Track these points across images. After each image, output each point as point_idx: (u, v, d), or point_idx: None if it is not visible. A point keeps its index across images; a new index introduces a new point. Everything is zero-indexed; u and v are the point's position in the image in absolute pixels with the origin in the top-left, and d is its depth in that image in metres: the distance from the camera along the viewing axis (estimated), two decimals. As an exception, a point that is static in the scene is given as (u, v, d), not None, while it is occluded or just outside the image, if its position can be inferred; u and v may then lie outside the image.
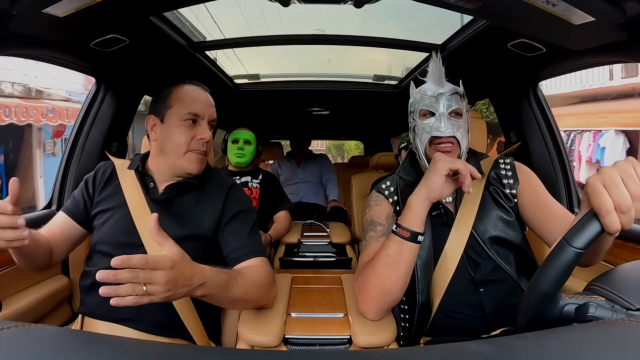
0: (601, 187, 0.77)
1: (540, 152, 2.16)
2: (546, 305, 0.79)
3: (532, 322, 0.82)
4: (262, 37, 2.48)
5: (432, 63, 1.47)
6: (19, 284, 1.62)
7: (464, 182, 1.21)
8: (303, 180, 4.14)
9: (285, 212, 2.96)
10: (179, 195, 1.45)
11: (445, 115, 1.40)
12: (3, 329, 0.58)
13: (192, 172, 1.42)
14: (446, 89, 1.43)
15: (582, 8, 1.12)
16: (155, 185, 1.47)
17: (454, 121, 1.40)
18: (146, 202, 1.42)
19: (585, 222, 0.78)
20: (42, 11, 1.15)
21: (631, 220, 0.75)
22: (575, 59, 1.70)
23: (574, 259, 0.76)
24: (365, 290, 1.32)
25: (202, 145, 1.42)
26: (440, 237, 1.40)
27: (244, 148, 2.94)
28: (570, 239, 0.77)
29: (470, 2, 1.31)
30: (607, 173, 0.77)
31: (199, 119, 1.42)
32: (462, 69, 2.26)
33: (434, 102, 1.42)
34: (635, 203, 0.75)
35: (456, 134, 1.40)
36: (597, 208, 0.76)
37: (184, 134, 1.40)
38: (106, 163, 1.57)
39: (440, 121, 1.40)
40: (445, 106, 1.40)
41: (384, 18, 2.45)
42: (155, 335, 1.32)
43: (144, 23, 1.63)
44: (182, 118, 1.40)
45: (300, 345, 1.34)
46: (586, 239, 0.77)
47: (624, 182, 0.76)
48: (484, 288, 1.36)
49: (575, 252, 0.76)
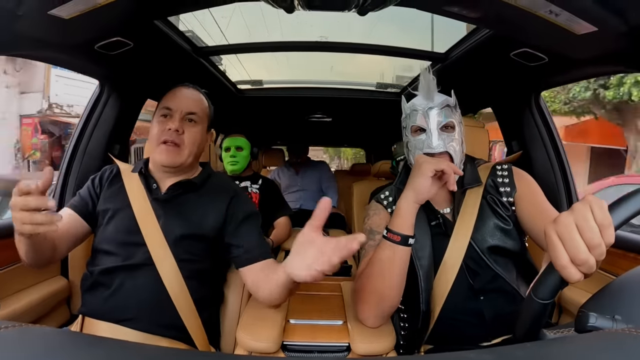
0: (556, 239, 0.72)
1: (542, 161, 2.16)
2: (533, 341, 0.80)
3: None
4: (266, 43, 2.48)
5: (422, 76, 1.45)
6: (18, 284, 1.62)
7: (449, 180, 1.23)
8: (302, 188, 4.16)
9: (286, 218, 2.95)
10: (182, 195, 1.47)
11: (436, 131, 1.39)
12: (1, 328, 0.58)
13: (163, 163, 1.44)
14: (436, 103, 1.41)
15: (585, 18, 1.13)
16: (158, 186, 1.49)
17: (446, 135, 1.40)
18: (149, 203, 1.43)
19: (547, 274, 0.76)
20: (48, 13, 1.16)
21: (591, 268, 0.70)
22: (577, 68, 1.70)
23: (543, 310, 0.76)
24: (362, 297, 1.32)
25: (170, 135, 1.43)
26: (439, 247, 1.40)
27: (236, 155, 2.95)
28: (536, 292, 0.76)
29: (473, 12, 1.32)
30: (562, 223, 0.72)
31: (172, 112, 1.45)
32: (465, 78, 2.27)
33: (424, 117, 1.41)
34: (592, 252, 0.69)
35: (448, 149, 1.39)
36: (553, 262, 0.73)
37: (156, 127, 1.46)
38: (112, 166, 1.60)
39: (430, 138, 1.39)
40: (436, 122, 1.40)
41: (388, 26, 2.46)
42: (156, 336, 1.33)
43: (148, 27, 1.64)
44: (158, 114, 1.47)
45: (299, 352, 1.34)
46: (550, 291, 0.75)
47: (579, 230, 0.71)
48: (483, 296, 1.36)
49: (542, 303, 0.75)
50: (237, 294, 1.69)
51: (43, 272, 1.75)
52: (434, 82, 1.44)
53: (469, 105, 2.83)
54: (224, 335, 1.61)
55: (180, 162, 1.45)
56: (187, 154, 1.46)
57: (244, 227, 1.46)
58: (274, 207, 2.97)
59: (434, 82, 1.44)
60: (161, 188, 1.49)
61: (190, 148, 1.46)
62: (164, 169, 1.47)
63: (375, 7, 1.41)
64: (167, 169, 1.47)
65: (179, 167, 1.46)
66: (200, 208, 1.44)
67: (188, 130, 1.45)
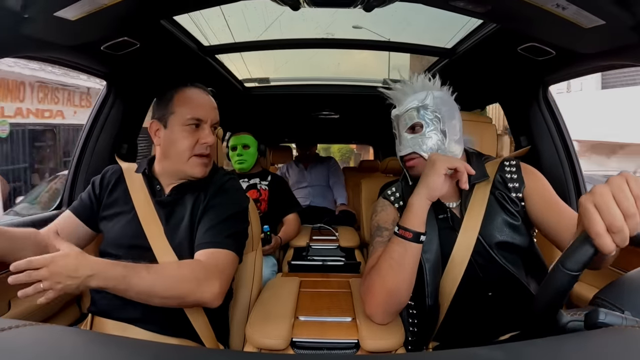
0: (592, 208, 0.74)
1: (550, 155, 2.14)
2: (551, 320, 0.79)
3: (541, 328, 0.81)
4: (272, 41, 2.48)
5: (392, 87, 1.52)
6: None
7: (461, 178, 1.26)
8: (311, 184, 4.17)
9: (295, 215, 2.96)
10: (184, 196, 1.46)
11: (403, 135, 1.45)
12: (11, 327, 0.59)
13: (197, 176, 1.43)
14: (402, 109, 1.46)
15: (592, 11, 1.12)
16: (161, 188, 1.48)
17: (413, 137, 1.43)
18: (153, 205, 1.43)
19: (579, 244, 0.77)
20: (54, 14, 1.16)
21: (625, 239, 0.72)
22: (585, 62, 1.69)
23: (570, 282, 0.76)
24: (371, 293, 1.31)
25: (206, 149, 1.43)
26: (447, 242, 1.39)
27: (243, 153, 2.97)
28: (565, 262, 0.76)
29: (479, 6, 1.31)
30: (598, 192, 0.74)
31: (202, 123, 1.43)
32: (472, 73, 2.26)
33: (395, 125, 1.51)
34: (628, 221, 0.72)
35: (415, 149, 1.42)
36: (588, 230, 0.74)
37: (186, 139, 1.41)
38: (114, 167, 1.59)
39: (400, 142, 1.48)
40: (402, 126, 1.46)
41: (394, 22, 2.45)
42: (164, 336, 1.34)
43: (154, 27, 1.64)
44: (185, 123, 1.41)
45: (308, 348, 1.34)
46: (580, 262, 0.75)
47: (616, 200, 0.73)
48: (492, 292, 1.35)
49: (570, 275, 0.75)
50: (246, 291, 1.70)
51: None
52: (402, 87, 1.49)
53: (476, 100, 2.82)
54: (233, 333, 1.61)
55: (208, 172, 1.47)
56: (212, 161, 1.49)
57: (204, 218, 1.40)
58: (283, 203, 2.99)
59: (403, 87, 1.49)
60: (165, 190, 1.48)
61: (213, 155, 1.48)
62: (187, 178, 1.46)
63: (381, 3, 1.40)
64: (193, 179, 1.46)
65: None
66: (198, 208, 1.43)
67: (213, 140, 1.45)
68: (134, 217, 1.41)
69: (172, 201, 1.45)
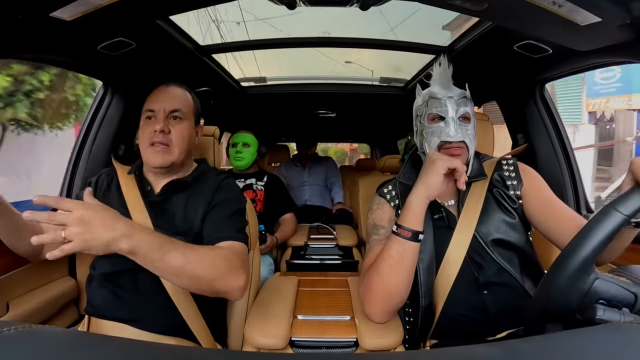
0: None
1: (547, 153, 2.15)
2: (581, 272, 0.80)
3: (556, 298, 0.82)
4: (269, 40, 2.48)
5: (439, 67, 1.45)
6: (26, 285, 1.63)
7: (460, 179, 1.28)
8: (309, 183, 4.17)
9: (291, 215, 2.97)
10: (174, 195, 1.47)
11: (455, 119, 1.38)
12: (10, 329, 0.59)
13: (154, 164, 1.44)
14: (455, 93, 1.41)
15: (588, 8, 1.12)
16: (151, 187, 1.50)
17: (463, 126, 1.39)
18: (144, 205, 1.43)
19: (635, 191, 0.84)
20: (49, 15, 1.16)
21: None
22: (581, 59, 1.69)
23: (619, 225, 0.79)
24: (369, 292, 1.32)
25: (157, 137, 1.42)
26: (442, 240, 1.39)
27: (242, 151, 2.96)
28: (618, 205, 0.81)
29: (476, 4, 1.31)
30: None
31: (156, 114, 1.46)
32: (469, 71, 2.26)
33: (443, 105, 1.39)
34: None
35: (465, 139, 1.38)
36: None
37: (143, 130, 1.46)
38: (108, 169, 1.61)
39: (449, 126, 1.38)
40: (455, 110, 1.38)
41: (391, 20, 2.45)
42: (161, 336, 1.33)
43: (150, 26, 1.64)
44: (143, 117, 1.48)
45: (307, 347, 1.34)
46: (635, 206, 0.81)
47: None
48: (487, 290, 1.35)
49: (622, 217, 0.79)
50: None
51: (51, 273, 1.75)
52: (450, 71, 1.44)
53: (473, 98, 2.82)
54: (231, 333, 1.61)
55: (172, 161, 1.45)
56: (178, 152, 1.46)
57: (211, 214, 1.42)
58: (279, 203, 2.99)
59: (450, 72, 1.44)
60: (155, 189, 1.50)
61: (179, 146, 1.46)
62: (156, 170, 1.48)
63: (378, 2, 1.40)
64: (159, 170, 1.47)
65: (171, 167, 1.46)
66: (190, 206, 1.44)
67: (174, 128, 1.45)
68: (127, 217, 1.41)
69: (162, 200, 1.46)
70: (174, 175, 1.50)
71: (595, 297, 0.78)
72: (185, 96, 1.54)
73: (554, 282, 0.83)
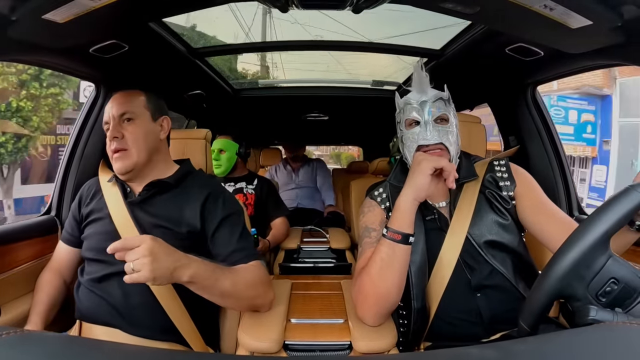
0: None
1: (539, 155, 2.16)
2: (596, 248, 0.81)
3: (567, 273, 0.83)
4: (262, 44, 2.49)
5: (415, 72, 1.47)
6: (19, 290, 1.61)
7: (448, 178, 1.26)
8: (299, 186, 4.17)
9: (283, 219, 2.94)
10: (156, 196, 1.47)
11: (430, 122, 1.40)
12: (2, 334, 0.58)
13: (117, 172, 1.46)
14: (429, 96, 1.42)
15: (580, 12, 1.13)
16: (131, 190, 1.51)
17: (440, 127, 1.40)
18: (126, 207, 1.44)
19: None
20: (42, 17, 1.15)
21: None
22: (573, 62, 1.70)
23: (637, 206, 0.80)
24: (361, 295, 1.32)
25: (112, 144, 1.43)
26: (435, 243, 1.39)
27: (219, 158, 2.90)
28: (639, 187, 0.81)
29: (468, 8, 1.32)
30: None
31: (108, 124, 1.47)
32: (461, 74, 2.27)
33: (418, 110, 1.41)
34: None
35: (443, 140, 1.39)
36: None
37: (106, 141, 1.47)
38: (91, 180, 1.63)
39: (425, 129, 1.40)
40: (430, 113, 1.40)
41: (383, 24, 2.46)
42: (151, 340, 1.33)
43: (143, 29, 1.64)
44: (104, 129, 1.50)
45: (301, 351, 1.34)
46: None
47: None
48: (480, 293, 1.35)
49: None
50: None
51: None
52: (426, 77, 1.45)
53: (465, 101, 2.83)
54: (225, 337, 1.60)
55: (134, 163, 1.44)
56: (137, 153, 1.44)
57: (220, 234, 1.43)
58: (270, 207, 2.96)
59: (426, 77, 1.45)
60: (135, 191, 1.50)
61: (136, 146, 1.44)
62: (124, 176, 1.47)
63: (370, 5, 1.40)
64: (126, 176, 1.47)
65: (134, 170, 1.45)
66: (174, 207, 1.44)
67: (126, 131, 1.44)
68: (110, 222, 1.44)
69: (144, 200, 1.46)
70: (149, 176, 1.49)
71: (607, 275, 0.79)
72: (133, 96, 1.51)
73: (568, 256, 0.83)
